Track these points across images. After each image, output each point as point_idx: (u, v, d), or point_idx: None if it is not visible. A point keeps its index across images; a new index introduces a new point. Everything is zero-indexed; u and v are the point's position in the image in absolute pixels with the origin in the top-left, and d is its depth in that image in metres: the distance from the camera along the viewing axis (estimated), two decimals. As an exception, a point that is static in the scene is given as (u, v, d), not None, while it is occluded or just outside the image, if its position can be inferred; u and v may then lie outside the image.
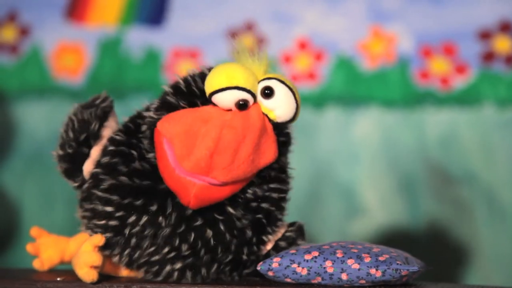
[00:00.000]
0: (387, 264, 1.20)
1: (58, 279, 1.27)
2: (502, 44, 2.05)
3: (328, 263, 1.21)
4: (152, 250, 1.23)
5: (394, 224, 2.07)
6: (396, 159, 2.08)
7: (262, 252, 1.28)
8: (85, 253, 1.22)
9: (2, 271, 1.41)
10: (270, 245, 1.28)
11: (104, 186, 1.24)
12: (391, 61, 2.08)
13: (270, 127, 1.22)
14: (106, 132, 1.29)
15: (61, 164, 1.30)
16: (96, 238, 1.23)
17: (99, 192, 1.24)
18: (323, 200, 2.09)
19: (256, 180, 1.25)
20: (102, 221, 1.24)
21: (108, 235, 1.24)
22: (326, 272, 1.21)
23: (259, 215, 1.25)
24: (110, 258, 1.27)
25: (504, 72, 2.05)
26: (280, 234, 1.29)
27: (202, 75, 1.24)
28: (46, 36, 2.18)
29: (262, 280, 1.27)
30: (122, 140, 1.26)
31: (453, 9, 2.07)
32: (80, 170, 1.29)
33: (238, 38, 1.25)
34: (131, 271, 1.29)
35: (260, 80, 1.22)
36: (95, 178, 1.26)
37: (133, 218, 1.22)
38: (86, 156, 1.28)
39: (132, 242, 1.23)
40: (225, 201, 1.23)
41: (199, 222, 1.22)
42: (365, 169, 2.09)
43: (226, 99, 1.20)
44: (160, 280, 1.25)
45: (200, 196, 1.19)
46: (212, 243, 1.22)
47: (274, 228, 1.28)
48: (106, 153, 1.26)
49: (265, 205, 1.25)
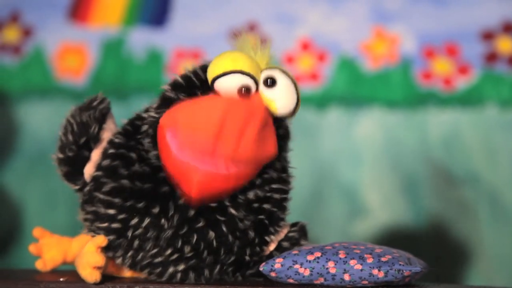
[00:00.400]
0: (389, 264, 1.20)
1: (61, 279, 1.27)
2: (505, 45, 2.05)
3: (330, 264, 1.21)
4: (154, 252, 1.23)
5: (396, 224, 2.07)
6: (399, 160, 2.08)
7: (265, 253, 1.28)
8: (88, 253, 1.22)
9: (5, 271, 1.41)
10: (273, 245, 1.28)
11: (105, 189, 1.24)
12: (394, 61, 2.08)
13: (271, 120, 1.23)
14: (105, 134, 1.30)
15: (61, 167, 1.30)
16: (99, 238, 1.23)
17: (101, 195, 1.25)
18: (325, 201, 2.09)
19: (257, 181, 1.25)
20: (105, 223, 1.24)
21: (111, 237, 1.24)
22: (328, 272, 1.21)
23: (261, 216, 1.25)
24: (113, 259, 1.27)
25: (507, 73, 2.04)
26: (283, 234, 1.29)
27: (203, 67, 1.24)
28: (48, 36, 2.18)
29: (265, 280, 1.27)
30: (122, 143, 1.26)
31: (455, 9, 2.07)
32: (81, 173, 1.29)
33: (240, 35, 1.25)
34: (134, 272, 1.29)
35: (263, 69, 1.23)
36: (97, 181, 1.26)
37: (135, 220, 1.22)
38: (86, 159, 1.29)
39: (135, 244, 1.23)
40: (226, 202, 1.23)
41: (201, 224, 1.22)
42: (367, 169, 2.09)
43: (229, 83, 1.20)
44: (163, 281, 1.25)
45: (203, 183, 1.18)
46: (214, 244, 1.23)
47: (277, 229, 1.28)
48: (107, 156, 1.26)
49: (267, 205, 1.25)
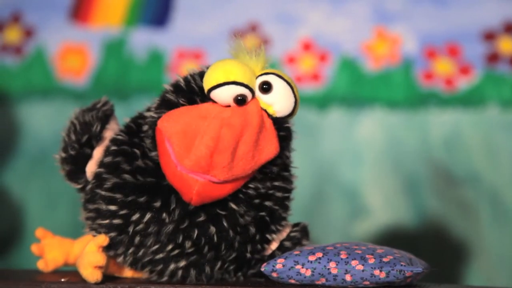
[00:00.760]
0: (391, 265, 1.20)
1: (62, 279, 1.27)
2: (507, 45, 2.05)
3: (332, 264, 1.21)
4: (156, 248, 1.23)
5: (398, 225, 2.07)
6: (400, 160, 2.08)
7: (267, 252, 1.28)
8: (89, 253, 1.22)
9: (6, 272, 1.41)
10: (275, 244, 1.28)
11: (107, 185, 1.24)
12: (395, 62, 2.08)
13: (270, 122, 1.22)
14: (107, 133, 1.30)
15: (64, 166, 1.31)
16: (100, 238, 1.23)
17: (103, 192, 1.25)
18: (326, 201, 2.09)
19: (258, 175, 1.25)
20: (106, 220, 1.24)
21: (112, 234, 1.24)
22: (330, 273, 1.21)
23: (262, 212, 1.25)
24: (114, 258, 1.27)
25: (508, 73, 2.04)
26: (285, 234, 1.29)
27: (201, 73, 1.25)
28: (50, 37, 2.18)
29: (266, 281, 1.27)
30: (125, 140, 1.26)
31: (457, 10, 2.07)
32: (83, 172, 1.29)
33: (237, 37, 1.25)
34: (136, 272, 1.29)
35: (258, 75, 1.23)
36: (98, 178, 1.26)
37: (137, 215, 1.22)
38: (88, 157, 1.29)
39: (136, 240, 1.23)
40: (227, 197, 1.23)
41: (202, 218, 1.22)
42: (369, 169, 2.09)
43: (224, 95, 1.20)
44: (164, 281, 1.25)
45: (202, 193, 1.19)
46: (215, 239, 1.23)
47: (278, 227, 1.28)
48: (109, 153, 1.26)
49: (268, 203, 1.25)
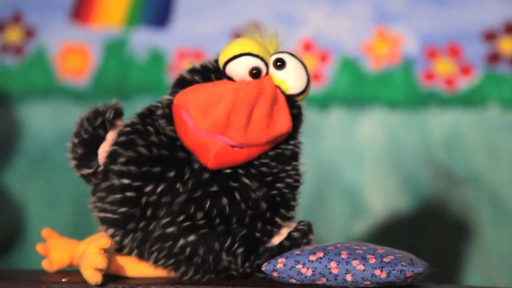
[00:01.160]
0: (392, 265, 1.20)
1: (63, 280, 1.27)
2: (507, 45, 2.05)
3: (333, 264, 1.21)
4: (167, 220, 1.23)
5: (398, 225, 2.07)
6: (401, 160, 2.08)
7: (275, 238, 1.28)
8: (91, 255, 1.22)
9: (8, 272, 1.41)
10: (284, 232, 1.28)
11: (121, 160, 1.25)
12: (396, 62, 2.08)
13: (283, 98, 1.27)
14: (120, 122, 1.31)
15: (76, 151, 1.30)
16: (102, 240, 1.23)
17: (117, 167, 1.25)
18: (327, 201, 2.09)
19: (271, 152, 1.26)
20: (118, 195, 1.24)
21: (124, 209, 1.24)
22: (331, 273, 1.21)
23: (274, 191, 1.26)
24: (122, 242, 1.26)
25: (509, 73, 2.04)
26: (292, 226, 1.30)
27: (215, 61, 1.28)
28: (51, 37, 2.18)
29: (267, 280, 1.27)
30: (138, 122, 1.28)
31: (457, 10, 2.07)
32: (95, 154, 1.29)
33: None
34: (141, 260, 1.28)
35: (272, 54, 1.28)
36: (112, 155, 1.26)
37: (150, 187, 1.23)
38: (102, 139, 1.29)
39: (148, 212, 1.24)
40: (240, 171, 1.24)
41: (215, 188, 1.23)
42: (369, 169, 2.09)
43: (240, 66, 1.24)
44: (164, 280, 1.25)
45: (220, 155, 1.21)
46: (227, 211, 1.23)
47: (287, 214, 1.28)
48: (123, 133, 1.28)
49: (279, 184, 1.26)
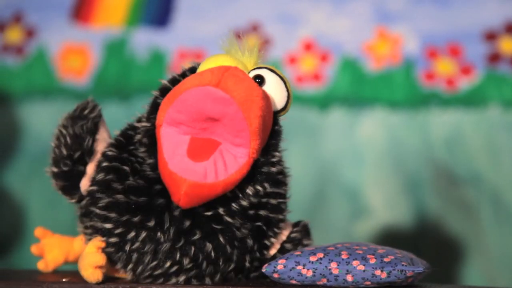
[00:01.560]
0: (392, 265, 1.20)
1: (64, 280, 1.27)
2: (508, 45, 2.05)
3: (333, 265, 1.21)
4: (154, 264, 1.22)
5: (399, 225, 2.07)
6: (401, 160, 2.08)
7: (267, 257, 1.27)
8: (88, 254, 1.22)
9: (8, 272, 1.41)
10: (274, 248, 1.27)
11: (101, 204, 1.24)
12: (397, 62, 2.08)
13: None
14: (99, 146, 1.29)
15: (57, 181, 1.30)
16: (98, 240, 1.23)
17: (97, 210, 1.24)
18: (328, 201, 2.09)
19: (251, 190, 1.23)
20: (103, 238, 1.24)
21: (110, 250, 1.24)
22: (331, 273, 1.21)
23: (259, 222, 1.24)
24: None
25: (510, 73, 2.04)
26: (284, 236, 1.29)
27: (192, 68, 1.26)
28: (51, 37, 2.18)
29: (268, 281, 1.26)
30: (115, 155, 1.25)
31: (458, 10, 2.07)
32: (77, 187, 1.28)
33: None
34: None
35: (250, 70, 1.23)
36: (92, 196, 1.25)
37: (132, 234, 1.22)
38: (82, 174, 1.28)
39: (134, 258, 1.23)
40: (221, 211, 1.22)
41: (197, 236, 1.21)
42: (370, 170, 2.09)
43: None
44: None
45: (191, 193, 1.17)
46: (213, 255, 1.22)
47: (276, 231, 1.27)
48: (101, 169, 1.25)
49: (263, 212, 1.24)
